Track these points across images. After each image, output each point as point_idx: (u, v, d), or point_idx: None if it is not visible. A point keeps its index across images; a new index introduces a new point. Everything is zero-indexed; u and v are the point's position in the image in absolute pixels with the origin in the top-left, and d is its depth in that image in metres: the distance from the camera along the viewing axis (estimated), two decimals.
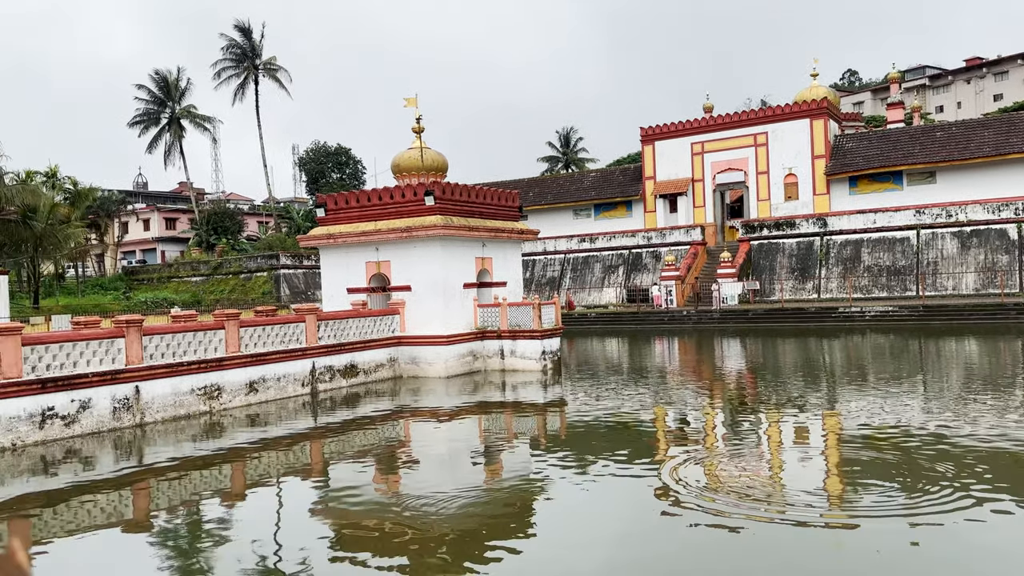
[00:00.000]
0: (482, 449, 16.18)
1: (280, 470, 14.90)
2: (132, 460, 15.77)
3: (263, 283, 61.94)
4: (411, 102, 27.62)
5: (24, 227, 50.03)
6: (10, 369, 15.98)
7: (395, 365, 26.57)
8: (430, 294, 26.41)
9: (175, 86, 70.75)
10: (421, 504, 11.37)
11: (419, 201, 26.38)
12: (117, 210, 78.54)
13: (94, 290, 65.22)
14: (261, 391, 21.64)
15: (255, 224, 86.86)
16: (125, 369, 18.21)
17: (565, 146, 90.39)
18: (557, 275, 59.14)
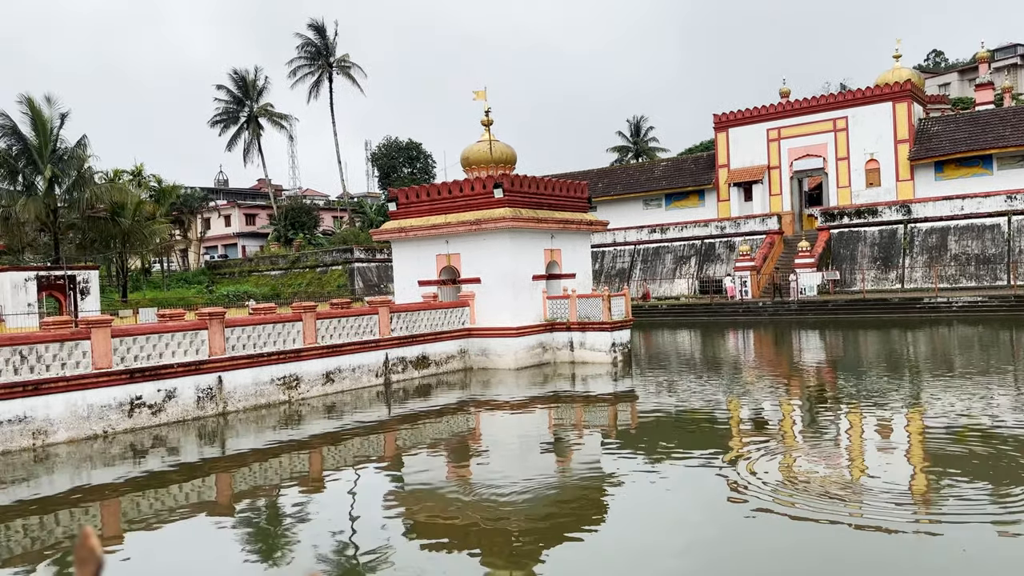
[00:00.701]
0: (552, 441, 16.19)
1: (356, 459, 15.25)
2: (215, 448, 16.41)
3: (338, 276, 63.42)
4: (480, 95, 27.75)
5: (112, 224, 52.51)
6: (101, 360, 16.81)
7: (465, 357, 26.83)
8: (499, 286, 26.54)
9: (253, 85, 72.94)
10: (492, 494, 11.46)
11: (488, 194, 26.51)
12: (200, 206, 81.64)
13: (179, 284, 68.03)
14: (337, 381, 22.18)
15: (330, 219, 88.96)
16: (208, 360, 18.93)
17: (635, 135, 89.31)
18: (627, 266, 58.57)
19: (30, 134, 45.83)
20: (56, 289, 43.43)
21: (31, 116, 45.54)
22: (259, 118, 73.96)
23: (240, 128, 74.41)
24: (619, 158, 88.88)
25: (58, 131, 46.82)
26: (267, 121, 74.82)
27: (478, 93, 27.73)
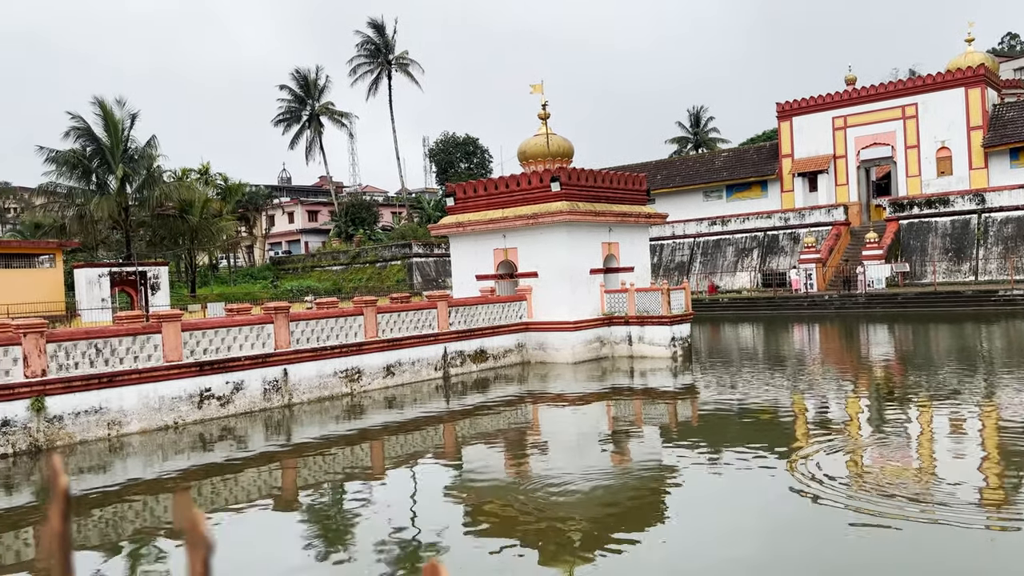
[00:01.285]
0: (610, 435, 16.10)
1: (416, 451, 15.44)
2: (281, 438, 16.82)
3: (397, 271, 64.27)
4: (537, 88, 27.69)
5: (181, 221, 54.24)
6: (172, 353, 17.40)
7: (523, 350, 26.87)
8: (556, 280, 26.48)
9: (314, 84, 74.33)
10: (550, 488, 11.46)
11: (545, 187, 26.46)
12: (264, 204, 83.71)
13: (245, 279, 69.92)
14: (397, 374, 22.48)
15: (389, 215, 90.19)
16: (274, 353, 19.40)
17: (695, 126, 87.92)
18: (686, 259, 57.76)
19: (103, 135, 47.62)
20: (128, 285, 45.12)
21: (103, 117, 47.30)
22: (320, 116, 75.32)
23: (302, 127, 75.91)
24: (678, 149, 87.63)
25: (129, 131, 48.54)
26: (328, 119, 76.14)
27: (535, 87, 27.67)
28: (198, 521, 0.47)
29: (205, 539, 0.47)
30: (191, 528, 0.48)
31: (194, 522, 0.47)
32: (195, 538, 0.48)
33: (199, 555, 0.48)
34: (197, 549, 0.48)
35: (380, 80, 75.44)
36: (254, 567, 9.01)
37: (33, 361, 15.25)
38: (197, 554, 0.48)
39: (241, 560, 9.05)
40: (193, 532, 0.48)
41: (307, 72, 74.92)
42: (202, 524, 0.47)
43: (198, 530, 0.47)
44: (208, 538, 0.47)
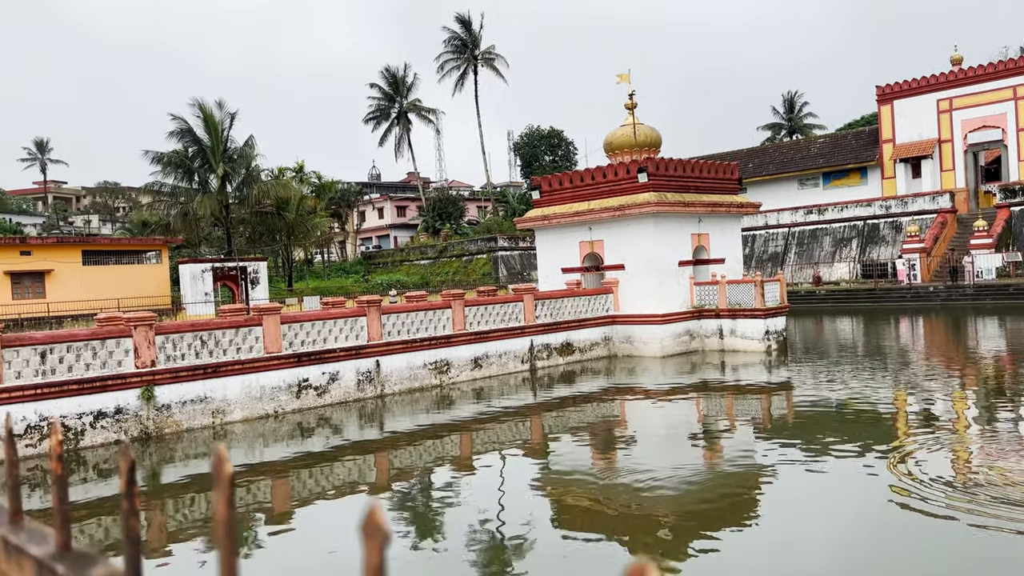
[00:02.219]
0: (701, 431, 15.80)
1: (503, 443, 15.57)
2: (375, 428, 17.27)
3: (483, 265, 64.87)
4: (624, 78, 27.36)
5: (278, 218, 56.36)
6: (272, 345, 18.09)
7: (609, 344, 26.67)
8: (644, 272, 26.14)
9: (402, 82, 75.75)
10: (638, 484, 11.34)
11: (632, 179, 26.14)
12: (355, 200, 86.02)
13: (337, 273, 72.04)
14: (484, 367, 22.71)
15: (474, 209, 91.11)
16: (367, 345, 19.92)
17: (789, 112, 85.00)
18: (780, 250, 55.96)
19: (204, 136, 49.91)
20: (229, 279, 47.22)
21: (203, 119, 49.56)
22: (408, 113, 76.69)
23: (391, 124, 77.49)
24: (771, 136, 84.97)
25: (228, 132, 50.70)
26: (416, 116, 77.45)
27: (622, 76, 27.35)
28: (374, 511, 0.48)
29: (382, 528, 0.47)
30: (368, 517, 0.48)
31: (371, 512, 0.48)
32: (371, 527, 0.48)
33: (375, 544, 0.48)
34: (373, 538, 0.48)
35: (466, 75, 76.15)
36: (348, 553, 9.28)
37: (143, 352, 16.15)
38: (373, 543, 0.48)
39: (335, 546, 9.34)
40: (369, 521, 0.48)
41: (396, 70, 76.39)
42: (379, 514, 0.48)
43: (374, 519, 0.48)
44: (385, 528, 0.47)
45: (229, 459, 0.51)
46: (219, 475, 0.52)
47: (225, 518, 0.51)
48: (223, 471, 0.52)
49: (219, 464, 0.52)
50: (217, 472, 0.52)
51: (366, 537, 0.49)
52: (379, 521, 0.48)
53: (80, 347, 15.48)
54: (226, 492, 0.51)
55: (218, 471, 0.52)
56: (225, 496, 0.51)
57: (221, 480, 0.51)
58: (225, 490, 0.51)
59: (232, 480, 0.50)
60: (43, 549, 0.72)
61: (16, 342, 14.87)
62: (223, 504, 0.51)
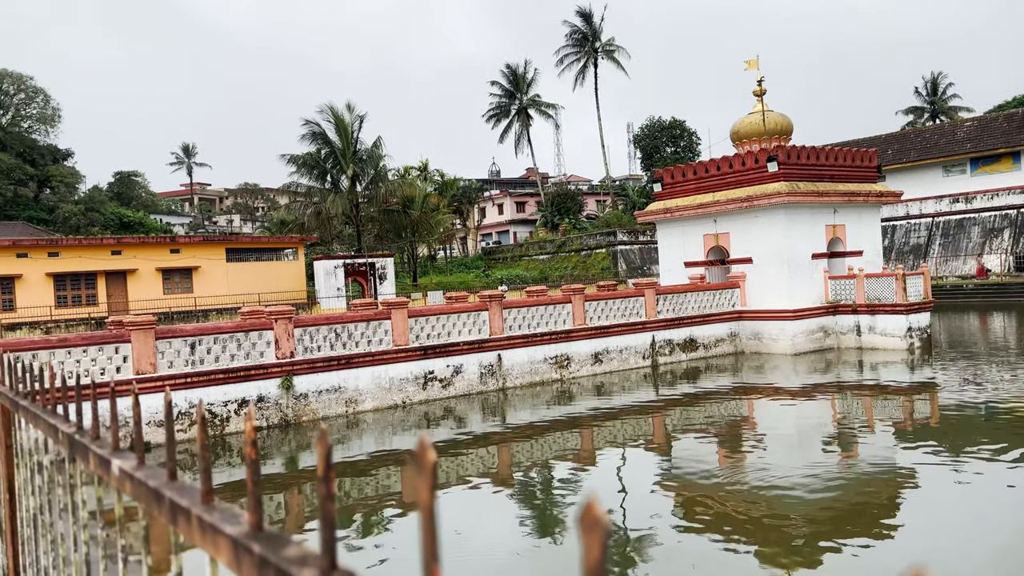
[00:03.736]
0: (836, 432, 15.03)
1: (625, 439, 15.40)
2: (497, 420, 17.52)
3: (602, 259, 64.44)
4: (752, 64, 26.39)
5: (404, 216, 58.23)
6: (400, 338, 18.70)
7: (736, 340, 25.84)
8: (773, 266, 25.13)
9: (523, 78, 76.35)
10: (767, 486, 10.92)
11: (761, 168, 25.18)
12: (476, 197, 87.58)
13: (459, 269, 73.63)
14: (605, 362, 22.55)
15: (593, 203, 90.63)
16: (489, 339, 20.23)
17: (931, 94, 79.43)
18: (923, 242, 52.39)
19: (335, 138, 52.22)
20: (359, 275, 49.20)
21: (334, 123, 51.83)
22: (528, 109, 77.22)
23: (511, 120, 78.28)
24: (912, 121, 79.73)
25: (357, 134, 52.80)
26: (535, 111, 77.88)
27: (750, 62, 26.38)
28: (593, 505, 0.47)
29: (601, 522, 0.47)
30: (586, 511, 0.48)
31: (589, 505, 0.48)
32: (590, 520, 0.48)
33: (595, 538, 0.48)
34: (593, 531, 0.48)
35: (587, 69, 75.82)
36: (473, 535, 9.45)
37: (283, 344, 17.07)
38: (593, 537, 0.48)
39: (460, 527, 9.54)
40: (588, 514, 0.48)
41: (516, 67, 77.06)
42: (597, 507, 0.48)
43: (593, 513, 0.48)
44: (605, 521, 0.47)
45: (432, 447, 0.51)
46: (422, 462, 0.52)
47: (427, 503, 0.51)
48: (426, 458, 0.51)
49: (422, 452, 0.52)
50: (420, 459, 0.52)
51: (585, 531, 0.48)
52: (598, 514, 0.48)
53: (226, 339, 16.55)
54: (429, 479, 0.51)
55: (421, 458, 0.52)
56: (428, 483, 0.51)
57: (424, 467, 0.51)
58: (428, 477, 0.51)
59: (435, 467, 0.51)
60: (237, 528, 0.74)
61: (168, 334, 16.07)
62: (426, 490, 0.51)
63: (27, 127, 74.72)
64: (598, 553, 0.48)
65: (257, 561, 0.69)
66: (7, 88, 74.08)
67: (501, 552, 9.24)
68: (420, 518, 0.51)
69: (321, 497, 0.64)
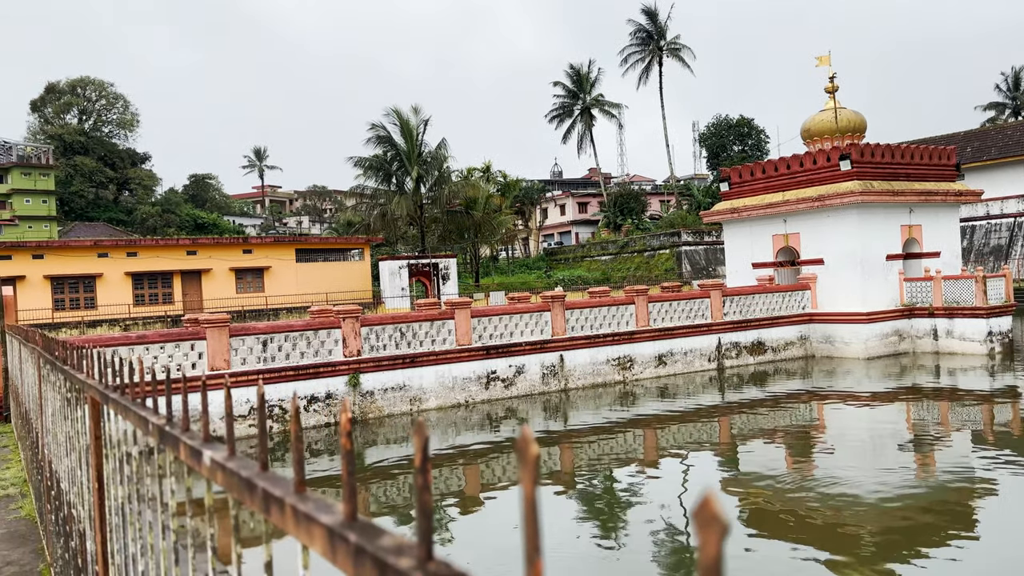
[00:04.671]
0: (910, 439, 14.50)
1: (689, 442, 15.18)
2: (559, 421, 17.48)
3: (665, 260, 63.65)
4: (824, 60, 25.68)
5: (467, 217, 58.70)
6: (463, 337, 18.85)
7: (806, 343, 25.17)
8: (845, 267, 24.39)
9: (586, 78, 76.04)
10: (837, 492, 10.61)
11: (833, 167, 24.47)
12: (538, 198, 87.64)
13: (520, 269, 73.77)
14: (669, 364, 22.26)
15: (657, 203, 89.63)
16: (551, 339, 20.21)
17: (1014, 89, 75.91)
18: (1004, 243, 50.07)
19: (400, 140, 53.01)
20: (423, 275, 49.80)
21: (399, 125, 52.61)
22: (591, 109, 76.88)
23: (574, 121, 78.07)
24: (993, 117, 76.40)
25: (422, 136, 53.49)
26: (599, 111, 77.49)
27: (821, 59, 25.68)
28: (711, 500, 0.47)
29: (719, 518, 0.47)
30: (703, 506, 0.48)
31: (707, 500, 0.48)
32: (707, 516, 0.48)
33: (713, 535, 0.48)
34: (710, 528, 0.48)
35: (651, 67, 75.09)
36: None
37: (351, 342, 17.40)
38: (711, 533, 0.48)
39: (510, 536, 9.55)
40: (705, 509, 0.48)
41: (580, 67, 76.83)
42: (715, 502, 0.47)
43: (710, 508, 0.48)
44: (723, 517, 0.47)
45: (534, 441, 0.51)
46: (524, 455, 0.52)
47: (530, 496, 0.51)
48: (529, 452, 0.51)
49: (524, 445, 0.52)
50: (522, 452, 0.52)
51: (702, 527, 0.48)
52: (716, 510, 0.47)
53: (296, 337, 16.97)
54: (532, 472, 0.51)
55: (523, 451, 0.52)
56: (531, 475, 0.51)
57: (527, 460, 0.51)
58: (531, 470, 0.51)
59: (537, 460, 0.51)
60: (332, 518, 0.76)
61: (242, 332, 16.56)
62: (529, 483, 0.51)
63: (107, 132, 78.15)
64: (715, 549, 0.48)
65: (353, 550, 0.70)
66: (89, 95, 77.63)
67: (565, 554, 9.22)
68: (522, 511, 0.52)
69: (418, 488, 0.65)
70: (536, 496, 0.51)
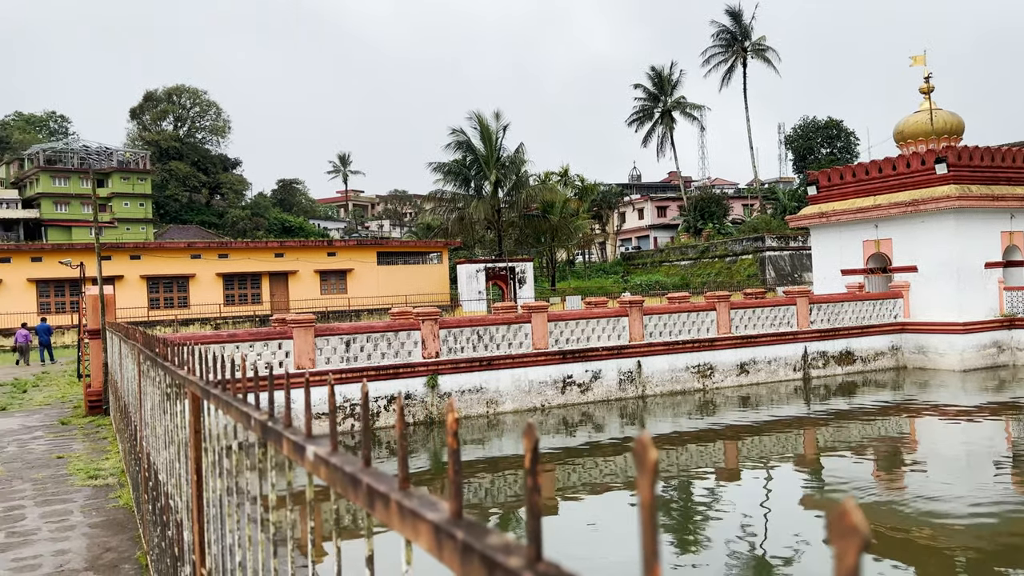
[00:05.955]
0: (1009, 456, 13.72)
1: (771, 454, 14.77)
2: (635, 428, 17.29)
3: (748, 266, 62.15)
4: (918, 60, 24.63)
5: (543, 221, 58.79)
6: (539, 341, 18.87)
7: (897, 354, 24.13)
8: (940, 275, 23.28)
9: (667, 80, 75.09)
10: (927, 510, 10.13)
11: (928, 170, 23.42)
12: (616, 201, 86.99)
13: (597, 274, 73.34)
14: (751, 373, 21.72)
15: (739, 207, 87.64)
16: (629, 345, 20.02)
17: None
18: None
19: (479, 145, 53.56)
20: (499, 279, 50.13)
21: (480, 130, 53.17)
22: (672, 112, 75.89)
23: (654, 124, 77.21)
24: None
25: (501, 141, 53.90)
26: (680, 114, 76.42)
27: (916, 58, 24.63)
28: (849, 511, 0.47)
29: (858, 528, 0.47)
30: (840, 517, 0.48)
31: (844, 511, 0.47)
32: (845, 528, 0.48)
33: (852, 545, 0.48)
34: (849, 538, 0.48)
35: (734, 69, 73.61)
36: (605, 526, 9.36)
37: (429, 344, 17.67)
38: (849, 543, 0.48)
39: (594, 518, 9.47)
40: (843, 519, 0.48)
41: (661, 69, 75.98)
42: (854, 513, 0.47)
43: (849, 518, 0.47)
44: (862, 527, 0.46)
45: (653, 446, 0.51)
46: (643, 462, 0.52)
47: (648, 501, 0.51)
48: (648, 458, 0.51)
49: (643, 451, 0.52)
50: (641, 459, 0.52)
51: (839, 538, 0.48)
52: (855, 520, 0.47)
53: (377, 338, 17.34)
54: (650, 477, 0.51)
55: (642, 458, 0.52)
56: (649, 481, 0.51)
57: (646, 467, 0.51)
58: (649, 475, 0.51)
59: (656, 466, 0.51)
60: (438, 515, 0.77)
61: (326, 332, 17.03)
62: (647, 488, 0.51)
63: (201, 138, 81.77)
64: (853, 561, 0.47)
65: (460, 547, 0.72)
66: (184, 102, 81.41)
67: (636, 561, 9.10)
68: (641, 516, 0.52)
69: (527, 489, 0.65)
70: (654, 501, 0.51)
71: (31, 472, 10.31)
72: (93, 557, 6.76)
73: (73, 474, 10.06)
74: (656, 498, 0.51)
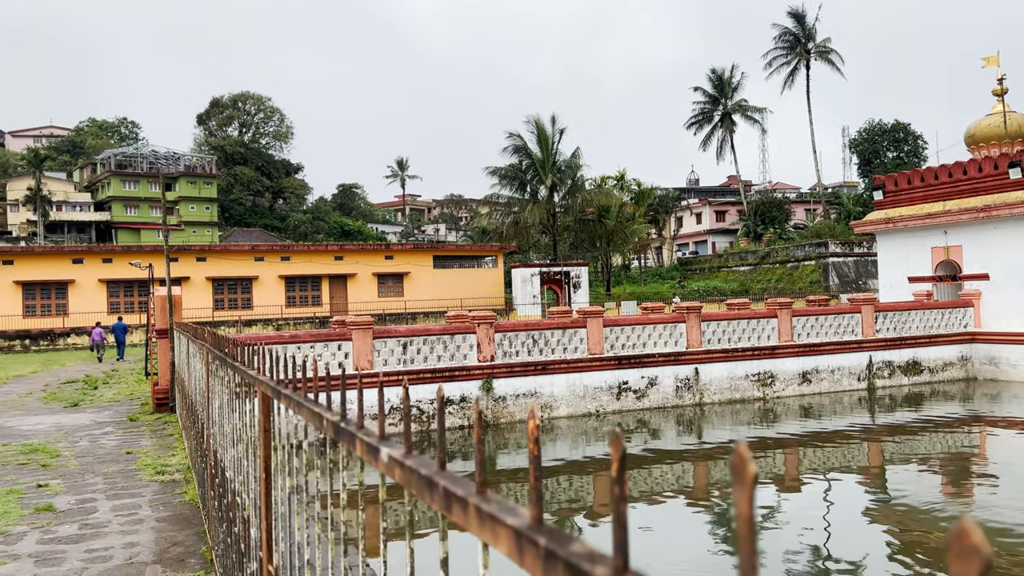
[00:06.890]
0: None
1: (834, 464, 14.39)
2: (692, 436, 17.05)
3: (810, 272, 60.69)
4: (991, 61, 23.73)
5: (599, 225, 58.47)
6: (595, 347, 18.77)
7: (967, 364, 23.25)
8: (1015, 284, 22.36)
9: (728, 83, 73.96)
10: (998, 528, 9.72)
11: (1000, 175, 22.53)
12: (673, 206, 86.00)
13: (653, 279, 72.58)
14: (814, 382, 21.20)
15: (802, 212, 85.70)
16: (686, 352, 19.75)
17: None
18: None
19: (535, 149, 53.62)
20: (554, 283, 50.06)
21: (536, 134, 53.24)
22: (732, 115, 74.71)
23: (714, 127, 76.13)
24: None
25: (557, 145, 53.86)
26: (740, 117, 75.19)
27: (988, 59, 23.75)
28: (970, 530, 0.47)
29: (980, 550, 0.46)
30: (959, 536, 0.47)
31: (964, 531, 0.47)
32: (966, 547, 0.47)
33: (973, 566, 0.48)
34: (970, 560, 0.47)
35: (797, 71, 72.11)
36: (661, 555, 9.25)
37: (484, 348, 17.75)
38: (970, 565, 0.48)
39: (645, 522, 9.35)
40: (963, 540, 0.47)
41: (721, 71, 74.92)
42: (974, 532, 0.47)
43: (970, 539, 0.47)
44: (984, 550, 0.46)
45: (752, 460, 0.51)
46: (741, 475, 0.52)
47: (747, 515, 0.51)
48: (746, 471, 0.51)
49: (741, 464, 0.52)
50: (739, 472, 0.52)
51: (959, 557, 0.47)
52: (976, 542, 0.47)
53: (433, 341, 17.51)
54: (748, 490, 0.51)
55: (740, 471, 0.52)
56: (747, 494, 0.51)
57: (744, 480, 0.51)
58: (748, 489, 0.51)
59: (755, 479, 0.51)
60: (518, 520, 0.78)
61: (384, 334, 17.26)
62: (745, 502, 0.51)
63: (264, 143, 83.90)
64: None
65: (543, 554, 0.72)
66: (249, 108, 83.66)
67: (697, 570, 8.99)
68: (739, 530, 0.51)
69: (614, 498, 0.65)
70: (753, 515, 0.51)
71: (102, 466, 10.71)
72: (161, 550, 6.98)
73: (141, 469, 10.42)
74: (755, 511, 0.51)
